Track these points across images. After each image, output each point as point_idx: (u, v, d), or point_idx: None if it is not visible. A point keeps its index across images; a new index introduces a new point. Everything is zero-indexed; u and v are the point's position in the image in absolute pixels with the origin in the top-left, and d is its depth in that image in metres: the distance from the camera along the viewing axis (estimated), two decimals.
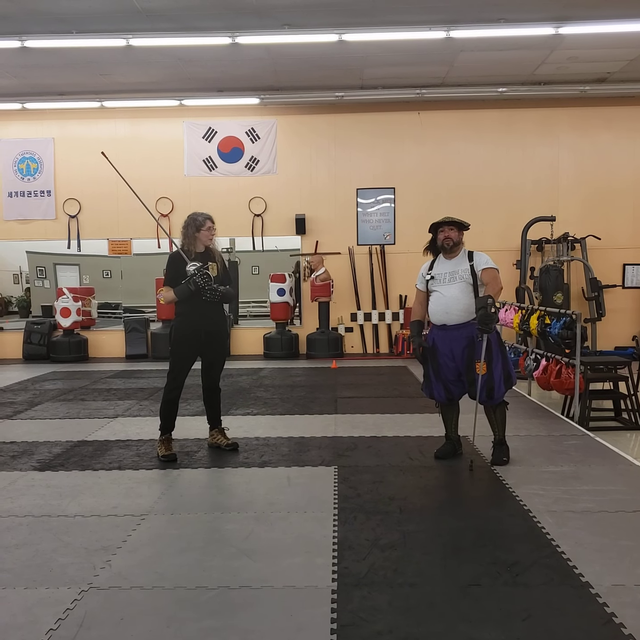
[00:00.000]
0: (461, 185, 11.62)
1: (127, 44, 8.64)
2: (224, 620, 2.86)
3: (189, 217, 5.25)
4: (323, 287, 11.30)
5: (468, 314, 4.87)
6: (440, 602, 2.98)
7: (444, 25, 8.36)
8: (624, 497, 4.28)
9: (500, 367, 4.91)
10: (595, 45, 9.13)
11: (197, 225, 5.15)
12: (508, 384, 4.97)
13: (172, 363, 5.24)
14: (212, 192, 11.83)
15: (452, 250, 5.03)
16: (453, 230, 4.99)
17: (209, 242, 5.22)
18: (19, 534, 3.82)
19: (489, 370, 4.86)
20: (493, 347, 4.86)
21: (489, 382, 4.88)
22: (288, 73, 10.22)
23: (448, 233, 5.00)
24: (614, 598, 2.97)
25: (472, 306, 4.81)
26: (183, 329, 5.18)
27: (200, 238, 5.16)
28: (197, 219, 5.18)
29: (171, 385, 5.25)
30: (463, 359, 4.92)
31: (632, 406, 6.41)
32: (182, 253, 5.14)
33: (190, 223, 5.19)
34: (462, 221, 5.02)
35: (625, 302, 11.60)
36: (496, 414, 5.09)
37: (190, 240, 5.17)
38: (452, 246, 5.01)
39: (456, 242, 5.00)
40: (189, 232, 5.17)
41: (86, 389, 8.66)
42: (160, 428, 5.34)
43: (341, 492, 4.43)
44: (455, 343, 4.94)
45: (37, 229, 12.20)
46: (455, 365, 4.98)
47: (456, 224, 4.99)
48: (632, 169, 11.57)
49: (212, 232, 5.21)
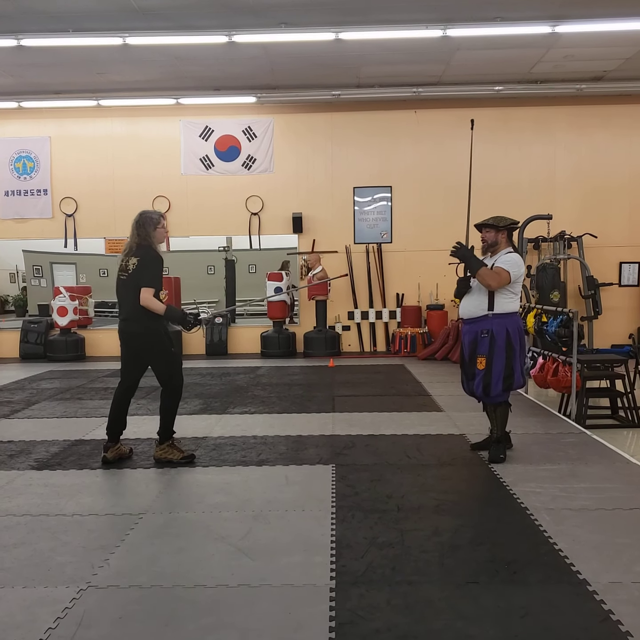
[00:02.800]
0: (458, 183, 11.57)
1: (123, 42, 8.62)
2: (223, 618, 2.86)
3: (142, 215, 5.05)
4: (319, 286, 11.29)
5: (479, 310, 4.99)
6: (438, 599, 2.99)
7: (441, 24, 8.37)
8: (621, 494, 4.29)
9: (502, 365, 4.92)
10: (591, 44, 9.14)
11: (154, 223, 5.02)
12: (506, 384, 4.96)
13: (173, 364, 5.13)
14: (209, 191, 11.84)
15: (490, 251, 5.11)
16: (489, 232, 5.07)
17: (163, 240, 5.12)
18: (17, 533, 3.82)
19: (488, 366, 4.92)
20: (497, 344, 4.91)
21: (485, 378, 4.96)
22: (285, 71, 10.21)
23: (484, 235, 5.12)
24: (611, 595, 2.98)
25: (484, 303, 4.96)
26: (162, 332, 5.08)
27: (156, 236, 5.03)
28: (153, 217, 5.05)
29: (181, 383, 5.18)
30: (468, 352, 5.07)
31: (629, 404, 6.43)
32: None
33: (147, 221, 5.01)
34: (494, 222, 5.03)
35: (621, 300, 11.64)
36: (497, 412, 5.13)
37: (146, 238, 4.99)
38: (488, 247, 5.11)
39: (491, 243, 5.08)
40: (147, 230, 4.99)
41: (83, 388, 8.66)
42: (165, 433, 5.17)
43: (339, 491, 4.44)
44: (467, 336, 5.11)
45: (33, 228, 12.18)
46: (469, 358, 5.11)
47: (493, 225, 5.04)
48: (628, 167, 11.59)
49: (167, 230, 5.16)
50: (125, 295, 5.03)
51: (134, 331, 5.01)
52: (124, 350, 5.16)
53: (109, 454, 5.14)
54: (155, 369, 5.11)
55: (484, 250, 5.14)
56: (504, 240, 5.07)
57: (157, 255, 5.01)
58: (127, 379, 5.19)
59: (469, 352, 5.07)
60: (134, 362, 5.14)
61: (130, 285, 4.94)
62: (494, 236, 5.05)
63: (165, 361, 5.09)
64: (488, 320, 4.96)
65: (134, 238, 5.00)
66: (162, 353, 5.07)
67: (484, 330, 4.93)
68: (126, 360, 5.17)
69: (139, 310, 4.91)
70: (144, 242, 4.97)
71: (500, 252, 5.05)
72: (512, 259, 4.96)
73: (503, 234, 5.06)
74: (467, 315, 5.10)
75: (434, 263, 11.17)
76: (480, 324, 4.98)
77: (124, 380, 5.21)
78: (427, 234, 11.60)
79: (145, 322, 4.96)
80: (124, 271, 5.01)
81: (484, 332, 4.93)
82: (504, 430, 5.16)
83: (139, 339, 5.03)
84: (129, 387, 5.21)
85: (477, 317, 5.01)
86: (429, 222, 11.68)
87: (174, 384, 5.14)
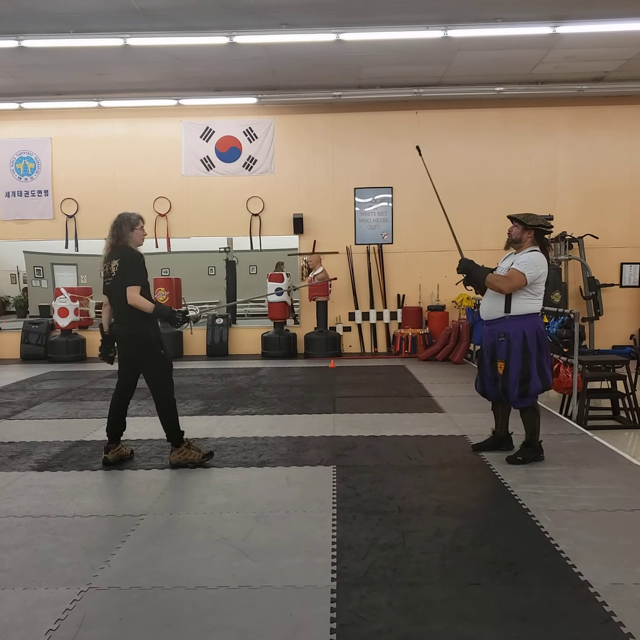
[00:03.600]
0: (459, 184, 11.62)
1: (124, 43, 8.63)
2: (224, 620, 2.86)
3: (121, 216, 5.03)
4: (320, 287, 11.29)
5: (495, 311, 4.94)
6: (440, 601, 2.98)
7: (442, 25, 8.37)
8: (622, 496, 4.29)
9: (518, 370, 4.84)
10: (592, 45, 9.14)
11: (132, 224, 5.00)
12: (521, 389, 4.84)
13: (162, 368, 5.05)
14: (209, 192, 11.84)
15: (513, 246, 5.04)
16: (516, 227, 4.98)
17: (141, 241, 5.10)
18: (18, 534, 3.82)
19: (505, 371, 4.87)
20: (513, 348, 4.83)
21: (503, 383, 4.91)
22: (286, 72, 10.22)
23: (511, 228, 5.03)
24: (613, 597, 2.97)
25: (500, 304, 4.90)
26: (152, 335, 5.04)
27: (133, 237, 5.01)
28: (130, 218, 5.02)
29: (171, 386, 5.15)
30: (489, 356, 5.03)
31: (630, 405, 6.42)
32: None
33: (124, 222, 4.99)
34: (522, 219, 4.94)
35: (622, 301, 11.63)
36: (522, 417, 5.06)
37: (121, 239, 4.97)
38: (511, 242, 5.03)
39: (515, 238, 4.99)
40: (123, 231, 4.97)
41: (84, 389, 8.66)
42: (175, 436, 5.11)
43: (340, 492, 4.43)
44: (487, 338, 5.06)
45: (34, 229, 12.18)
46: (490, 360, 5.05)
47: (521, 222, 4.96)
48: (629, 168, 11.58)
49: (145, 232, 5.13)
50: (114, 300, 5.03)
51: (124, 333, 5.02)
52: (119, 354, 5.20)
53: (109, 455, 5.14)
54: (145, 374, 5.08)
55: (507, 244, 5.06)
56: (529, 240, 4.94)
57: (136, 252, 4.99)
58: (124, 381, 5.20)
59: (490, 356, 5.01)
60: (127, 364, 5.15)
61: (116, 288, 4.94)
62: (520, 233, 4.95)
63: (156, 365, 5.02)
64: (505, 322, 4.88)
65: (109, 239, 5.01)
66: (152, 356, 5.01)
67: (501, 334, 4.87)
68: (121, 364, 5.20)
69: (128, 313, 4.91)
70: (119, 242, 4.96)
71: (524, 250, 4.94)
72: (530, 258, 4.84)
73: (529, 233, 4.94)
74: (485, 316, 5.06)
75: (434, 264, 11.17)
76: (497, 326, 4.92)
77: (120, 381, 5.22)
78: (428, 235, 11.59)
79: (135, 324, 4.94)
80: (108, 276, 5.00)
81: (501, 336, 4.87)
82: (533, 436, 5.02)
83: (128, 342, 5.03)
84: (126, 387, 5.21)
85: (494, 319, 4.96)
86: (430, 223, 11.62)
87: (166, 388, 5.07)
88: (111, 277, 4.96)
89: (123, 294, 4.86)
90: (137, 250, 5.03)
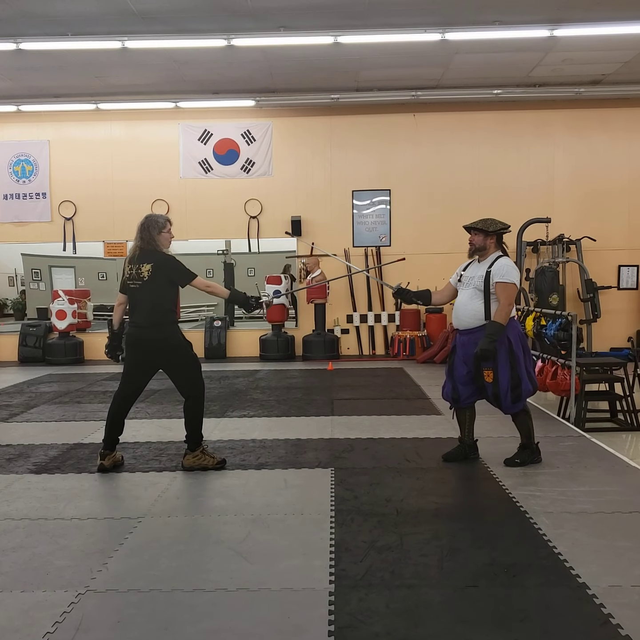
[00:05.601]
0: (457, 187, 11.64)
1: (122, 46, 8.63)
2: (221, 622, 2.85)
3: (148, 218, 4.99)
4: (319, 289, 11.28)
5: (475, 320, 4.83)
6: (438, 603, 2.98)
7: (439, 28, 8.37)
8: (620, 498, 4.29)
9: (508, 376, 4.77)
10: (590, 48, 9.16)
11: (160, 227, 4.95)
12: (515, 394, 4.80)
13: (195, 369, 5.04)
14: (207, 194, 11.84)
15: (478, 255, 4.96)
16: (477, 235, 4.89)
17: (169, 244, 5.05)
18: (16, 537, 3.81)
19: (495, 379, 4.78)
20: (500, 356, 4.74)
21: (494, 390, 4.83)
22: (283, 75, 10.23)
23: (472, 237, 4.94)
24: (611, 599, 2.97)
25: (479, 312, 4.79)
26: (182, 337, 5.04)
27: (160, 240, 4.96)
28: (158, 221, 4.98)
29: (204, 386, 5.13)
30: (473, 365, 4.86)
31: (628, 407, 6.42)
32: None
33: (151, 225, 4.94)
34: (482, 226, 4.86)
35: (620, 303, 11.64)
36: (515, 421, 5.05)
37: (150, 242, 4.92)
38: (475, 251, 4.95)
39: (479, 247, 4.90)
40: (152, 234, 4.92)
41: (82, 392, 8.65)
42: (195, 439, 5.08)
43: (338, 494, 4.43)
44: (467, 348, 4.89)
45: (32, 232, 12.17)
46: (468, 370, 4.92)
47: (482, 230, 4.87)
48: (627, 171, 11.60)
49: (172, 235, 5.09)
50: (140, 303, 4.91)
51: (154, 337, 4.87)
52: (133, 357, 5.00)
53: (106, 462, 5.04)
54: (177, 377, 5.01)
55: (470, 253, 4.97)
56: (492, 245, 4.89)
57: (170, 254, 5.01)
58: (131, 384, 5.04)
59: (473, 365, 4.84)
60: (143, 370, 5.01)
61: (147, 291, 4.85)
62: (482, 240, 4.87)
63: (189, 367, 5.00)
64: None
65: (137, 242, 4.95)
66: (184, 358, 4.98)
67: None
68: (134, 368, 5.01)
69: (159, 317, 4.87)
70: (148, 246, 4.91)
71: (489, 256, 4.88)
72: (506, 265, 4.78)
73: (492, 239, 4.87)
74: (464, 325, 4.92)
75: (432, 266, 11.16)
76: (478, 335, 4.76)
77: (127, 385, 5.04)
78: (426, 238, 11.61)
79: (165, 328, 4.90)
80: (136, 279, 4.89)
81: None
82: (529, 439, 5.02)
83: (159, 345, 4.90)
84: (133, 392, 5.07)
85: (474, 328, 4.84)
86: (428, 226, 11.69)
87: (199, 388, 5.05)
88: (141, 281, 4.87)
89: (155, 299, 4.84)
90: (168, 253, 5.02)
